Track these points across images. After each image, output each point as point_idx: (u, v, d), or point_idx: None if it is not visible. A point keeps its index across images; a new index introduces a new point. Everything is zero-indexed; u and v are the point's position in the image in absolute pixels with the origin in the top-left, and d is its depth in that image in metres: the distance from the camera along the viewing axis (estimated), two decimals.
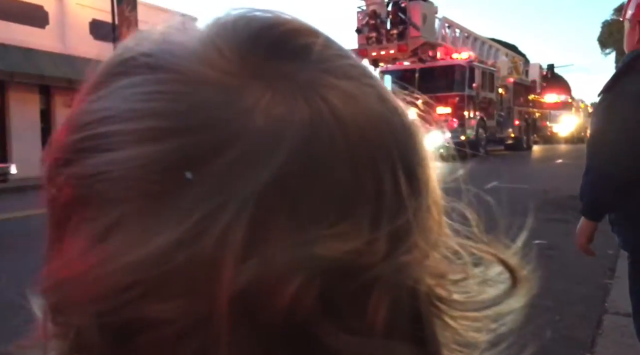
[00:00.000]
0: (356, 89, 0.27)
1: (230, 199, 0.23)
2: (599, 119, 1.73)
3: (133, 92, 0.25)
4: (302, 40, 0.27)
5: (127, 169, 0.24)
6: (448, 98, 16.31)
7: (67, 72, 14.92)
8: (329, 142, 0.25)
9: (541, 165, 15.84)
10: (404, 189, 0.27)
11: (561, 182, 9.58)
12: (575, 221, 5.85)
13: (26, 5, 14.36)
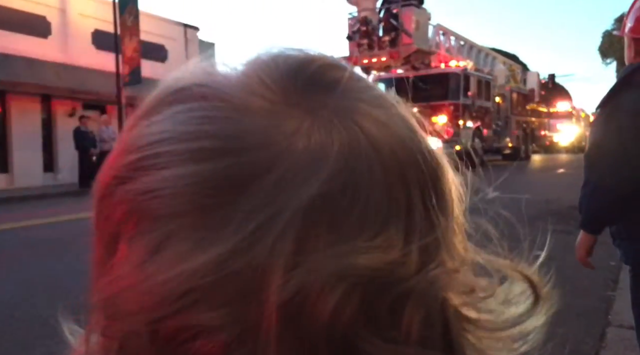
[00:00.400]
0: (385, 115, 0.30)
1: (280, 212, 0.25)
2: (596, 133, 1.74)
3: (188, 116, 0.28)
4: (334, 74, 0.30)
5: (182, 186, 0.26)
6: (442, 107, 16.05)
7: (69, 81, 14.99)
8: (366, 163, 0.27)
9: (542, 175, 15.69)
10: (433, 207, 0.29)
11: (563, 192, 9.55)
12: (576, 232, 5.81)
13: (29, 16, 14.46)
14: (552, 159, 24.36)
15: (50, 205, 10.04)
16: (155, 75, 17.61)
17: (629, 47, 1.80)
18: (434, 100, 15.87)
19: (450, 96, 16.34)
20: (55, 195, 12.14)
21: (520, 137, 22.07)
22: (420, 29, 16.60)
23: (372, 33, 16.41)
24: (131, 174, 0.28)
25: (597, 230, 1.77)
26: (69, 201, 10.89)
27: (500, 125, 19.75)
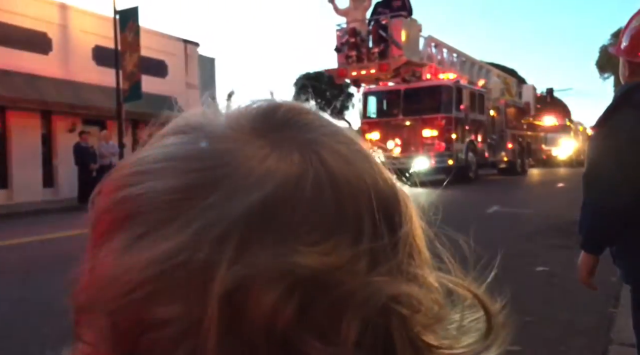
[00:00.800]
0: (346, 150, 0.33)
1: (227, 215, 0.29)
2: (594, 153, 1.74)
3: (174, 143, 0.34)
4: (301, 116, 0.35)
5: (155, 196, 0.31)
6: (434, 120, 15.68)
7: (69, 97, 15.05)
8: (317, 183, 0.31)
9: (542, 189, 15.55)
10: (382, 224, 0.32)
11: (563, 207, 9.52)
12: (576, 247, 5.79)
13: (30, 32, 14.56)
14: (551, 173, 24.17)
15: (49, 221, 10.00)
16: (155, 91, 17.69)
17: (623, 66, 1.81)
18: (426, 113, 15.62)
19: (442, 109, 15.90)
20: (55, 211, 12.11)
21: (516, 151, 21.60)
22: (410, 40, 16.24)
23: (361, 45, 16.11)
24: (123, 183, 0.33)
25: (598, 250, 1.75)
26: (68, 217, 10.85)
27: (495, 139, 19.38)
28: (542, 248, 5.55)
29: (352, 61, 16.22)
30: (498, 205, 9.53)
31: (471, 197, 12.12)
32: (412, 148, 15.54)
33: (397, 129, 15.94)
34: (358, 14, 16.28)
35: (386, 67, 15.82)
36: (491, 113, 19.38)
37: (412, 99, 16.06)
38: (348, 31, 16.20)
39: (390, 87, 17.20)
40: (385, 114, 16.83)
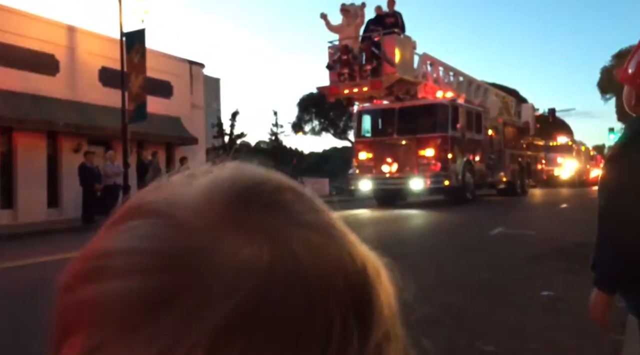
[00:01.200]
0: (319, 239, 0.32)
1: (185, 337, 0.27)
2: (611, 188, 1.69)
3: (135, 233, 0.31)
4: (284, 196, 0.33)
5: (114, 299, 0.28)
6: (430, 139, 15.21)
7: (75, 118, 15.20)
8: (285, 288, 0.29)
9: (546, 210, 15.23)
10: (353, 329, 0.31)
11: (567, 228, 9.48)
12: (582, 271, 5.71)
13: (38, 54, 14.78)
14: (554, 194, 23.99)
15: (53, 242, 9.99)
16: (160, 111, 17.87)
17: (629, 94, 1.74)
18: (421, 132, 15.26)
19: (437, 128, 15.42)
20: (59, 231, 12.12)
21: (516, 172, 21.08)
22: (403, 57, 15.81)
23: (353, 62, 15.72)
24: (76, 282, 0.30)
25: (614, 289, 1.68)
26: (72, 237, 10.86)
27: (494, 159, 18.90)
28: (547, 271, 5.51)
29: (344, 79, 15.89)
30: (502, 226, 9.49)
31: (475, 219, 12.06)
32: (407, 168, 15.24)
33: (391, 148, 15.60)
34: (351, 31, 15.97)
35: (379, 84, 15.45)
36: (489, 132, 19.02)
37: (407, 118, 15.70)
38: (340, 48, 15.92)
39: (385, 106, 16.79)
40: (380, 133, 16.45)
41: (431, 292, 4.77)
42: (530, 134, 24.87)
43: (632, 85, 1.73)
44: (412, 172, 15.07)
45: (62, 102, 15.17)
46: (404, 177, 15.13)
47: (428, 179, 14.81)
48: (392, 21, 15.87)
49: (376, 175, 15.64)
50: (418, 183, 14.90)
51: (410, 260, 6.53)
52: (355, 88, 15.83)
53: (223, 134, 24.51)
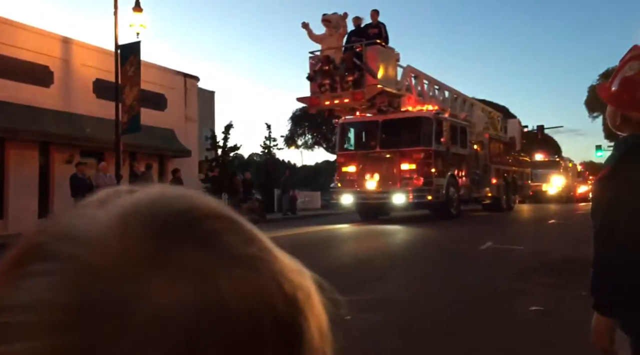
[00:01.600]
0: (249, 274, 0.30)
1: None
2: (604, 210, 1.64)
3: (33, 283, 0.27)
4: (210, 226, 0.31)
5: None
6: (413, 153, 14.85)
7: (68, 129, 15.20)
8: (214, 333, 0.27)
9: (534, 225, 15.26)
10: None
11: (556, 243, 9.60)
12: (569, 286, 5.79)
13: (33, 66, 14.81)
14: (542, 209, 24.01)
15: None
16: (154, 123, 17.90)
17: (613, 112, 1.71)
18: (404, 146, 14.97)
19: (421, 142, 15.07)
20: None
21: (501, 187, 20.77)
22: (386, 69, 15.35)
23: (335, 73, 15.11)
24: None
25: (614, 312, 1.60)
26: None
27: (479, 174, 18.55)
28: (536, 286, 5.60)
29: (325, 90, 15.29)
30: (491, 241, 9.59)
31: (461, 234, 12.13)
32: (390, 182, 14.87)
33: (374, 162, 15.21)
34: (333, 41, 15.39)
35: (360, 96, 14.90)
36: (475, 147, 18.77)
37: (390, 131, 15.41)
38: (321, 59, 15.32)
39: (368, 118, 16.32)
40: (362, 146, 16.11)
41: (420, 307, 4.84)
42: (516, 149, 24.77)
43: (614, 103, 1.72)
44: (394, 187, 14.76)
45: (56, 113, 15.18)
46: (387, 191, 14.78)
47: (411, 194, 14.49)
48: (376, 32, 15.50)
49: (358, 189, 15.33)
50: (400, 198, 14.58)
51: (398, 275, 6.61)
52: (336, 99, 15.40)
53: (216, 146, 24.49)
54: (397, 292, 5.46)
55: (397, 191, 14.60)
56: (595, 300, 1.62)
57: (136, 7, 14.78)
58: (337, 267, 7.08)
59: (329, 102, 15.49)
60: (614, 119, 1.73)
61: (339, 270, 6.83)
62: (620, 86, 1.70)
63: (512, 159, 23.49)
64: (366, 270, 6.85)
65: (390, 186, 14.76)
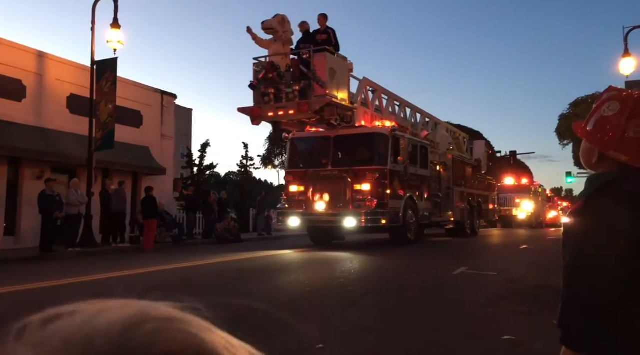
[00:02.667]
0: None
1: None
2: (575, 243, 1.66)
3: None
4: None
5: None
6: (366, 172, 13.75)
7: (39, 144, 14.86)
8: None
9: (506, 251, 15.17)
10: None
11: (527, 269, 9.69)
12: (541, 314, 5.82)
13: (4, 79, 14.51)
14: (512, 234, 23.94)
15: (6, 273, 9.61)
16: (129, 140, 17.66)
17: (589, 150, 1.74)
18: (358, 164, 13.93)
19: (376, 160, 14.02)
20: (15, 261, 11.67)
21: (465, 211, 19.65)
22: (337, 79, 13.92)
23: (280, 81, 13.66)
24: None
25: (583, 348, 1.61)
26: (25, 268, 10.47)
27: (441, 197, 17.52)
28: (507, 314, 5.62)
29: (269, 100, 13.72)
30: (465, 267, 9.63)
31: (437, 258, 12.18)
32: (341, 204, 13.78)
33: (325, 181, 14.03)
34: (279, 47, 13.89)
35: (306, 107, 13.31)
36: (437, 168, 17.86)
37: (343, 148, 14.37)
38: (265, 65, 13.80)
39: (319, 133, 15.08)
40: (313, 164, 14.71)
41: (395, 336, 4.80)
42: (482, 171, 23.93)
43: (590, 140, 1.74)
44: (346, 209, 13.63)
45: (27, 128, 14.84)
46: (338, 214, 13.62)
47: (363, 217, 13.30)
48: (324, 38, 14.01)
49: (307, 211, 14.11)
50: (352, 221, 13.38)
51: (372, 301, 6.57)
52: (280, 111, 13.77)
53: (192, 164, 24.27)
54: (371, 319, 5.42)
55: (349, 214, 13.47)
56: (563, 334, 1.63)
57: (114, 24, 14.69)
58: (306, 293, 7.01)
59: (273, 113, 13.88)
60: (589, 157, 1.76)
61: (309, 295, 6.76)
62: (598, 126, 1.72)
63: (477, 182, 22.40)
64: (339, 296, 6.78)
65: (342, 208, 13.70)
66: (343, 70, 14.32)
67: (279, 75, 13.55)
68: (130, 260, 11.40)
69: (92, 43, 14.69)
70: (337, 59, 14.12)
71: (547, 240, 19.77)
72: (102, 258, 12.36)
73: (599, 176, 1.73)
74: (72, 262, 11.51)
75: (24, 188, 14.99)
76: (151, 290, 0.38)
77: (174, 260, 10.92)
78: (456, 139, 22.29)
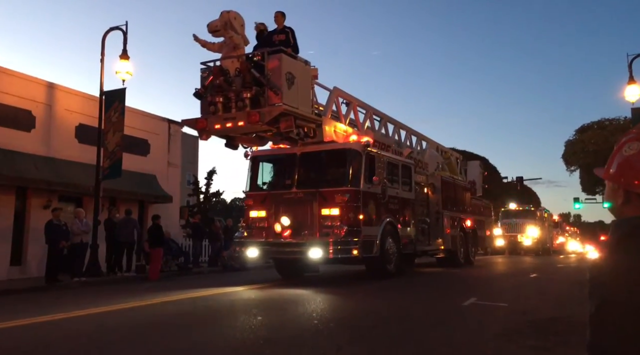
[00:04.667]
0: None
1: None
2: (601, 295, 1.62)
3: None
4: None
5: None
6: (335, 195, 11.70)
7: (47, 174, 14.95)
8: None
9: (515, 280, 14.66)
10: None
11: (540, 301, 9.49)
12: (555, 350, 5.67)
13: (15, 110, 14.70)
14: (519, 262, 23.22)
15: (10, 305, 9.53)
16: (136, 169, 17.76)
17: (614, 192, 1.72)
18: (326, 185, 11.99)
19: (346, 181, 11.96)
20: (19, 291, 11.59)
21: (457, 238, 17.71)
22: (295, 85, 11.51)
23: (228, 88, 11.41)
24: None
25: None
26: (30, 299, 10.37)
27: (429, 223, 15.73)
28: (521, 350, 5.47)
29: (215, 110, 11.49)
30: (475, 297, 9.45)
31: (445, 285, 11.95)
32: (306, 232, 11.72)
33: (289, 205, 12.09)
34: (230, 49, 11.68)
35: (257, 117, 10.93)
36: (425, 190, 16.18)
37: (310, 167, 12.54)
38: (213, 70, 11.58)
39: (283, 150, 13.15)
40: (276, 185, 12.99)
41: None
42: (476, 194, 22.07)
43: (614, 181, 1.73)
44: (312, 237, 11.57)
45: (35, 157, 14.96)
46: (302, 243, 11.51)
47: (331, 247, 11.18)
48: (282, 38, 11.88)
49: (268, 239, 12.14)
50: (317, 252, 11.27)
51: (380, 334, 6.42)
52: (228, 122, 11.40)
53: (199, 192, 24.32)
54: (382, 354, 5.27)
55: (315, 243, 11.37)
56: None
57: (123, 55, 14.92)
58: (311, 327, 6.87)
59: (220, 125, 11.54)
60: (614, 199, 1.73)
61: (315, 329, 6.62)
62: (621, 166, 1.71)
63: (471, 206, 20.43)
64: (346, 329, 6.64)
65: (307, 237, 11.63)
66: (304, 76, 11.92)
67: (226, 81, 11.37)
68: (133, 290, 11.25)
69: (102, 74, 14.90)
70: (296, 62, 11.78)
71: (557, 268, 19.49)
72: (106, 288, 12.25)
73: (627, 220, 1.68)
74: (75, 293, 11.41)
75: (30, 217, 15.00)
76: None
77: (172, 291, 10.80)
78: (447, 159, 20.42)
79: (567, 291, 11.49)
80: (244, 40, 11.76)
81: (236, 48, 11.60)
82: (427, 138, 19.50)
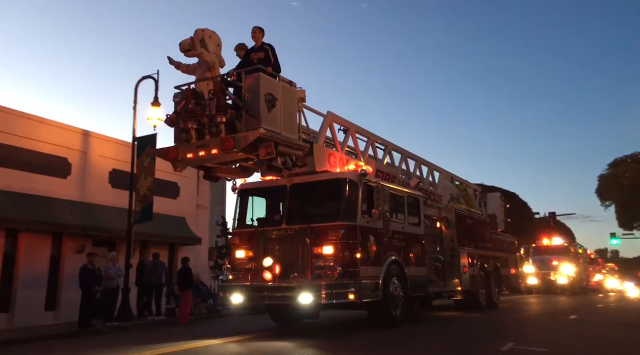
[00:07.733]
0: None
1: None
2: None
3: None
4: None
5: None
6: (328, 230, 10.18)
7: (82, 219, 15.32)
8: None
9: (553, 322, 13.84)
10: None
11: (583, 346, 9.03)
12: None
13: (51, 158, 15.22)
14: (554, 302, 22.09)
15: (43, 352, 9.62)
16: (166, 211, 18.04)
17: None
18: (318, 220, 10.41)
19: (341, 215, 10.40)
20: (53, 337, 11.72)
21: (477, 277, 16.12)
22: (277, 108, 9.93)
23: (201, 113, 9.92)
24: None
25: None
26: (65, 345, 10.46)
27: (443, 261, 14.37)
28: None
29: (188, 137, 10.04)
30: (513, 341, 9.08)
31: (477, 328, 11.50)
32: (296, 273, 10.22)
33: (278, 243, 10.66)
34: (205, 70, 10.29)
35: (231, 143, 9.37)
36: (437, 225, 14.90)
37: (301, 200, 11.12)
38: (185, 93, 10.10)
39: (272, 182, 11.68)
40: (265, 221, 11.43)
41: None
42: (497, 229, 20.61)
43: None
44: (303, 279, 10.08)
45: (70, 203, 15.37)
46: (292, 287, 9.98)
47: (323, 291, 9.61)
48: (261, 56, 10.52)
49: (254, 282, 10.62)
50: (307, 297, 9.70)
51: None
52: (201, 150, 9.88)
53: (227, 233, 24.51)
54: None
55: (306, 287, 9.82)
56: None
57: (154, 102, 15.42)
58: None
59: (192, 154, 9.99)
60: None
61: None
62: None
63: (492, 242, 18.69)
64: None
65: (296, 279, 10.14)
66: (288, 98, 10.37)
67: (198, 104, 9.96)
68: (162, 336, 11.21)
69: (134, 121, 15.40)
70: (277, 82, 10.20)
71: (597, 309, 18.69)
72: (137, 333, 12.28)
73: None
74: (108, 338, 11.46)
75: (65, 262, 15.30)
76: None
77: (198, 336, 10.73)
78: (463, 190, 18.77)
79: (610, 333, 11.00)
80: (219, 61, 10.47)
81: (210, 69, 10.26)
82: (440, 168, 17.86)
